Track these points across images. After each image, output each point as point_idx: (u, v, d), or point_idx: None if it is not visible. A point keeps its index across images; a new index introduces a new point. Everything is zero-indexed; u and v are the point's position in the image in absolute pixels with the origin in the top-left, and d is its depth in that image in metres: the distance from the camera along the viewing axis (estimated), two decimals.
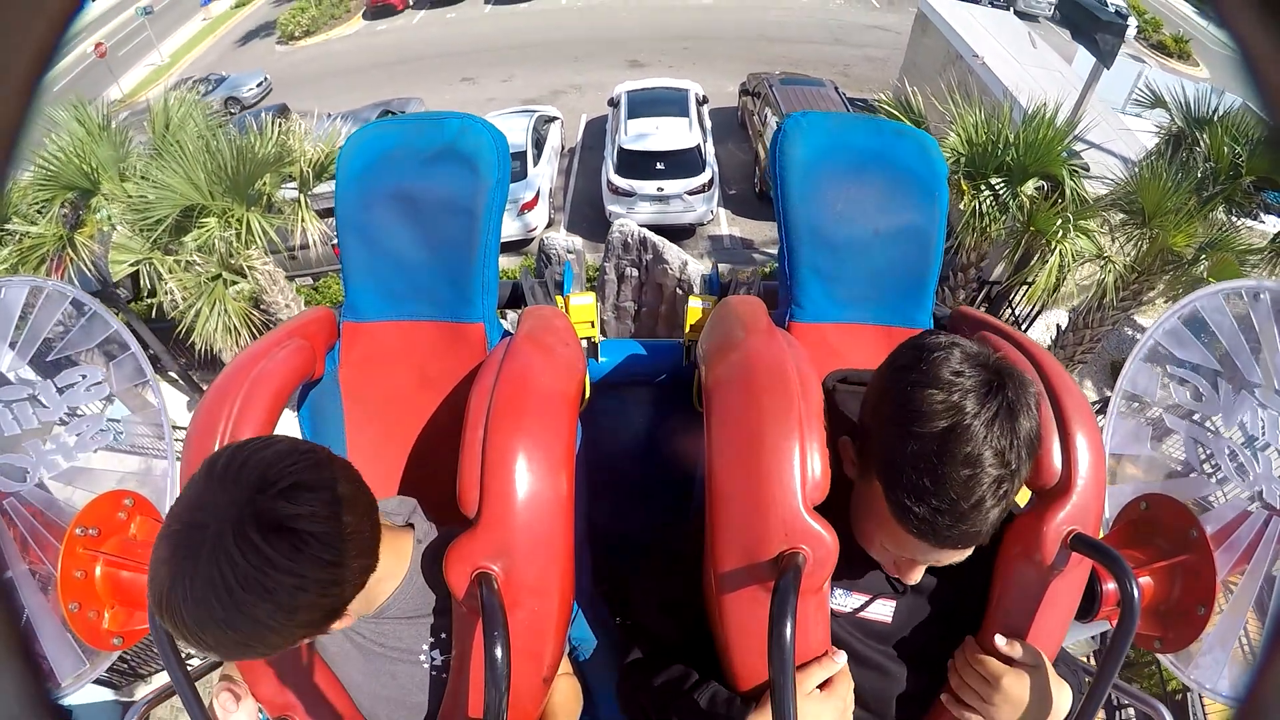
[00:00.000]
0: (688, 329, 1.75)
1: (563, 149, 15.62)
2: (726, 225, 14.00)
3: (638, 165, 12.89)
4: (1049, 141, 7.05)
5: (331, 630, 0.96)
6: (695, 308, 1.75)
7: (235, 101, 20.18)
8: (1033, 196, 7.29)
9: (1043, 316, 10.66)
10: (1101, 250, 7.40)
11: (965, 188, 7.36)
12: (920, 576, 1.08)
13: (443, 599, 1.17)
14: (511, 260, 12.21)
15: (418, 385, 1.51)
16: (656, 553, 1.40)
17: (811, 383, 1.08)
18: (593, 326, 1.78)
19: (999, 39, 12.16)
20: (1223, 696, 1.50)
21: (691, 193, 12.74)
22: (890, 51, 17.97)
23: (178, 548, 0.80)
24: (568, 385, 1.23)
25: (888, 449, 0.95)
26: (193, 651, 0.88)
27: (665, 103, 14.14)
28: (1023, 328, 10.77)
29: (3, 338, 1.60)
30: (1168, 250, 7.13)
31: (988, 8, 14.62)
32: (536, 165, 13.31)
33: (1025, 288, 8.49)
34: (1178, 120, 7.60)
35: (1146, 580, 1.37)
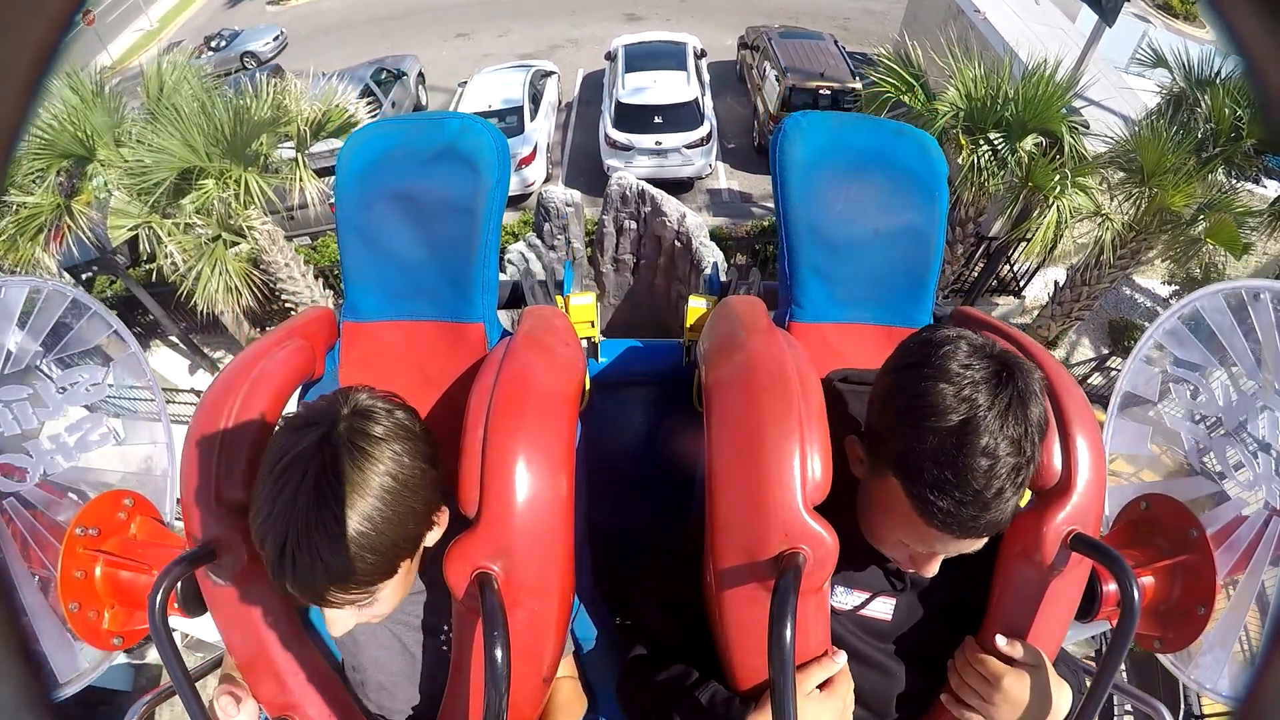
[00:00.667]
0: (688, 328, 1.75)
1: (560, 104, 15.50)
2: (725, 179, 13.92)
3: (635, 119, 12.79)
4: (1048, 97, 7.04)
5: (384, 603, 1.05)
6: (695, 307, 1.75)
7: (252, 56, 19.69)
8: (1031, 152, 7.27)
9: (1041, 274, 10.67)
10: (1099, 207, 7.40)
11: (964, 142, 7.35)
12: (937, 569, 1.08)
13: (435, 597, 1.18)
14: (510, 215, 12.05)
15: (418, 385, 1.51)
16: (657, 552, 1.41)
17: (811, 383, 1.08)
18: (593, 326, 1.78)
19: None
20: (1223, 696, 1.49)
21: (690, 146, 12.67)
22: (890, 5, 17.48)
23: (285, 469, 0.90)
24: (568, 385, 1.23)
25: (903, 444, 0.96)
26: (295, 593, 0.93)
27: (663, 56, 14.00)
28: (1021, 285, 10.81)
29: (2, 337, 1.60)
30: (1166, 210, 7.13)
31: None
32: (533, 120, 13.26)
33: (1023, 244, 8.49)
34: (1179, 81, 7.53)
35: (1147, 580, 1.37)
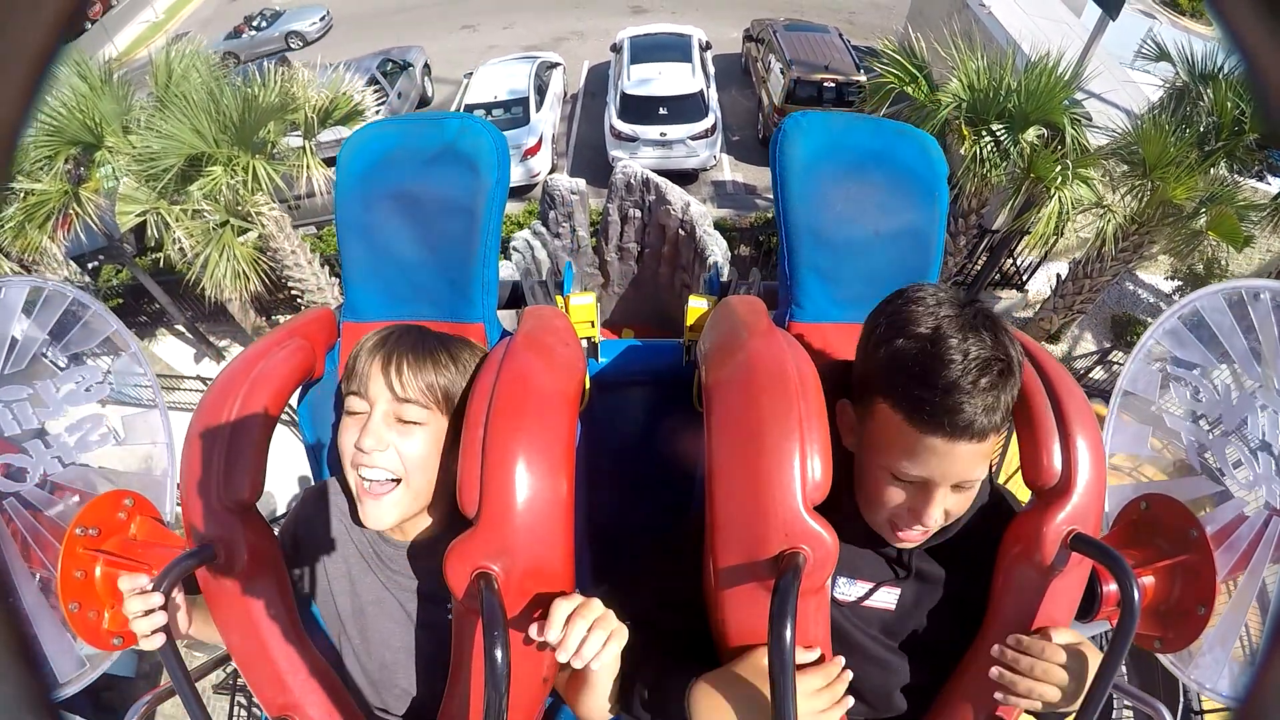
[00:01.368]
0: (688, 328, 1.75)
1: (565, 95, 15.50)
2: (729, 170, 13.93)
3: (640, 110, 12.81)
4: (1051, 89, 7.07)
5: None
6: (695, 307, 1.75)
7: (298, 36, 19.52)
8: (1033, 143, 7.30)
9: (1044, 268, 10.65)
10: (1101, 199, 7.43)
11: (966, 133, 7.39)
12: (940, 514, 1.06)
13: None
14: (515, 205, 12.08)
15: None
16: (657, 553, 1.40)
17: (811, 383, 1.08)
18: (593, 326, 1.78)
19: None
20: (1223, 696, 1.49)
21: (694, 138, 12.69)
22: None
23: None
24: (568, 385, 1.23)
25: (885, 359, 1.05)
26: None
27: (668, 48, 14.01)
28: (1024, 279, 10.79)
29: (3, 337, 1.60)
30: (1168, 203, 7.15)
31: None
32: (539, 111, 13.28)
33: (1026, 236, 8.50)
34: (1182, 74, 7.55)
35: (1147, 580, 1.37)
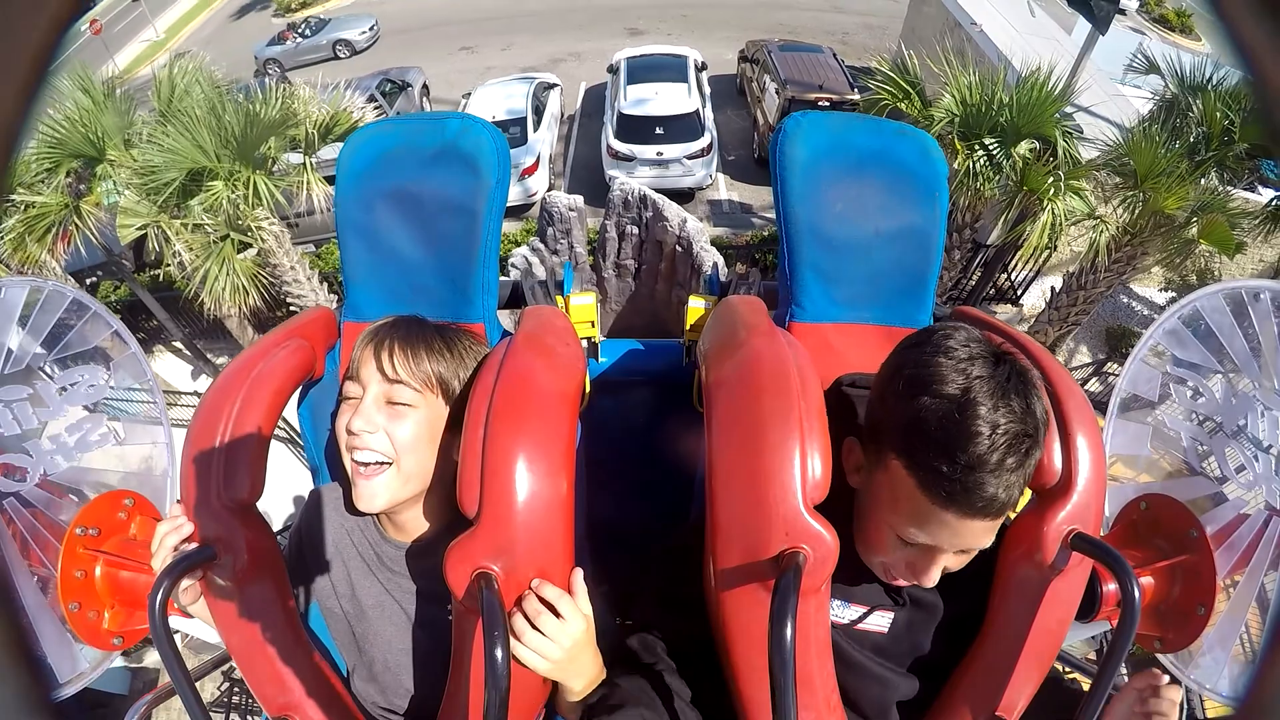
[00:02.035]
0: (688, 329, 1.74)
1: (562, 115, 15.57)
2: (725, 190, 14.05)
3: (637, 130, 12.89)
4: (1042, 103, 7.11)
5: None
6: (695, 307, 1.74)
7: (346, 44, 19.59)
8: (1025, 156, 7.33)
9: (1038, 282, 10.70)
10: (1094, 210, 7.47)
11: (959, 147, 7.42)
12: (938, 575, 1.06)
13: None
14: (512, 225, 12.14)
15: None
16: (657, 552, 1.41)
17: (812, 383, 1.08)
18: (593, 326, 1.78)
19: (998, 7, 12.20)
20: (1223, 696, 1.50)
21: (690, 157, 12.76)
22: (889, 20, 17.88)
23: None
24: (568, 385, 1.23)
25: (905, 418, 0.98)
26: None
27: (664, 69, 14.09)
28: (1019, 293, 10.81)
29: (3, 338, 1.60)
30: (1160, 213, 7.19)
31: None
32: (536, 131, 13.34)
33: (1020, 251, 8.54)
34: (1171, 86, 7.60)
35: (1147, 580, 1.37)
